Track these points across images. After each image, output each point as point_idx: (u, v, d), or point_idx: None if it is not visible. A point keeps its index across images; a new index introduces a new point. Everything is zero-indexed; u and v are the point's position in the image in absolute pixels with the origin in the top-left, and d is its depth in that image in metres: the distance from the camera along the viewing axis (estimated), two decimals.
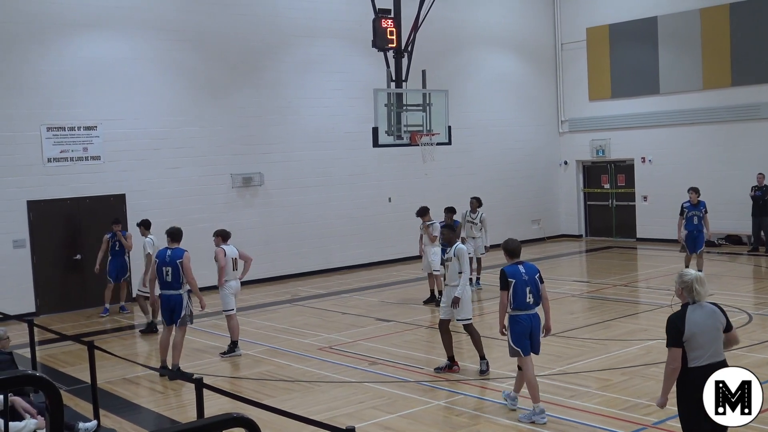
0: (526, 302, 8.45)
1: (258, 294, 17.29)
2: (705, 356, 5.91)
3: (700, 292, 6.00)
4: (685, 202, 16.24)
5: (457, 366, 10.37)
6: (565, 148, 24.76)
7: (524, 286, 8.44)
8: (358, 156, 19.94)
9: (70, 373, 11.33)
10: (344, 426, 5.26)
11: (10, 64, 15.63)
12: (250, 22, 18.57)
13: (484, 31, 22.97)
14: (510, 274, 8.46)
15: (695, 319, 5.93)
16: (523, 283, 8.44)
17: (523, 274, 8.49)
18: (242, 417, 2.82)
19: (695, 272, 6.07)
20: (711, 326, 5.97)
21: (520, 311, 8.47)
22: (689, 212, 16.03)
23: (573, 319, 13.33)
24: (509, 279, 8.42)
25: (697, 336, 5.89)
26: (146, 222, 14.59)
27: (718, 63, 21.06)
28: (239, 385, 10.35)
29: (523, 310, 8.46)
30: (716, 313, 6.06)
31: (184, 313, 10.83)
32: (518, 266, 8.56)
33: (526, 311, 8.47)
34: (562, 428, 8.16)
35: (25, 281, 15.89)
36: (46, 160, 15.98)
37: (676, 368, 5.96)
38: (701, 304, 6.01)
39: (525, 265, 8.62)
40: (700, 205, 16.05)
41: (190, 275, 10.78)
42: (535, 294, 8.50)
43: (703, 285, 6.04)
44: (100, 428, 8.51)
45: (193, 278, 10.83)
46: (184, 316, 10.85)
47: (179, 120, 17.65)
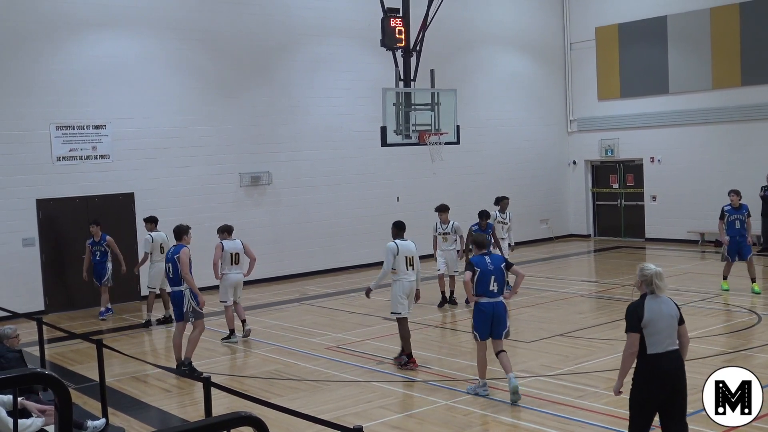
0: (490, 290, 9.28)
1: (266, 293, 17.32)
2: (663, 343, 6.18)
3: (660, 286, 6.34)
4: (726, 206, 14.99)
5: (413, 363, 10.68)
6: (573, 147, 24.71)
7: (489, 275, 9.27)
8: (366, 155, 19.94)
9: (79, 372, 11.37)
10: (352, 425, 5.26)
11: (20, 63, 15.69)
12: (260, 22, 18.59)
13: (493, 31, 22.95)
14: (476, 263, 9.40)
15: (653, 307, 6.25)
16: (488, 272, 9.29)
17: (488, 264, 9.38)
18: (250, 416, 2.83)
19: (655, 267, 6.39)
20: (667, 314, 6.26)
21: (484, 298, 9.27)
22: (731, 216, 14.76)
23: (581, 319, 13.30)
24: (475, 267, 9.37)
25: (655, 322, 6.19)
26: (152, 218, 14.69)
27: (728, 62, 20.97)
28: (247, 384, 10.36)
29: (487, 297, 9.26)
30: (671, 304, 6.37)
31: (185, 308, 10.95)
32: (485, 257, 9.48)
33: (489, 298, 9.27)
34: (571, 428, 8.15)
35: (34, 279, 15.95)
36: (55, 158, 16.04)
37: (633, 353, 6.25)
38: (659, 296, 6.32)
39: (491, 257, 9.55)
40: (743, 208, 14.84)
41: (184, 271, 10.86)
42: (500, 282, 9.36)
43: (662, 279, 6.37)
44: (109, 426, 8.53)
45: (187, 274, 10.86)
46: (186, 311, 10.97)
47: (188, 119, 17.69)
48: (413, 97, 14.77)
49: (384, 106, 14.32)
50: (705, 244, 21.57)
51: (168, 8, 17.40)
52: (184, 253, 10.93)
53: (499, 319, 9.28)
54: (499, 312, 9.30)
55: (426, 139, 14.57)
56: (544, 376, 10.07)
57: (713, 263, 18.90)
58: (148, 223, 14.73)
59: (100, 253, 15.28)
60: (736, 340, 11.28)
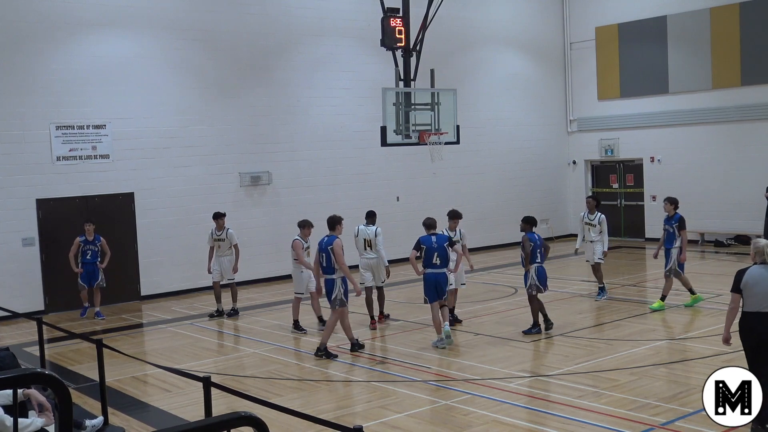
0: (433, 263, 11.62)
1: (266, 293, 17.32)
2: (756, 305, 7.44)
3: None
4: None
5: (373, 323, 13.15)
6: (573, 147, 24.71)
7: (432, 252, 11.62)
8: (366, 155, 19.94)
9: (79, 371, 11.38)
10: (352, 425, 5.25)
11: (20, 63, 15.68)
12: (260, 22, 18.59)
13: (493, 31, 22.95)
14: (423, 242, 11.71)
15: (754, 274, 7.52)
16: (433, 249, 11.62)
17: (434, 242, 11.65)
18: (250, 416, 2.83)
19: (766, 241, 7.63)
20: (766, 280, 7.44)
21: (429, 269, 11.64)
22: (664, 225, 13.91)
23: (581, 319, 13.30)
24: (422, 245, 11.66)
25: (752, 286, 7.46)
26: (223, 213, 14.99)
27: (728, 62, 20.97)
28: (247, 383, 10.36)
29: (431, 269, 11.63)
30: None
31: (334, 295, 11.39)
32: (431, 237, 11.71)
33: (433, 270, 11.62)
34: (571, 428, 8.15)
35: (34, 279, 15.95)
36: (55, 158, 16.03)
37: (732, 308, 7.72)
38: (766, 266, 7.52)
39: (438, 237, 11.75)
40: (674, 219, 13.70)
41: (340, 261, 11.37)
42: (443, 257, 11.61)
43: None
44: (109, 426, 8.53)
45: (343, 263, 11.39)
46: (335, 298, 11.40)
47: (188, 119, 17.69)
48: (413, 97, 14.76)
49: (384, 106, 14.31)
50: (705, 244, 21.57)
51: (168, 8, 17.39)
52: (338, 244, 11.41)
53: (441, 286, 11.63)
54: (441, 280, 11.64)
55: (426, 139, 14.56)
56: (544, 376, 10.07)
57: (713, 263, 18.93)
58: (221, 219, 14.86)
59: (92, 252, 15.26)
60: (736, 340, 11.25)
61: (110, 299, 16.15)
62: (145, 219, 17.12)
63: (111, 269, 15.72)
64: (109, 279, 15.86)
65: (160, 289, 17.30)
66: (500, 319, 13.04)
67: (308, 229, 13.45)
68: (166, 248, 17.36)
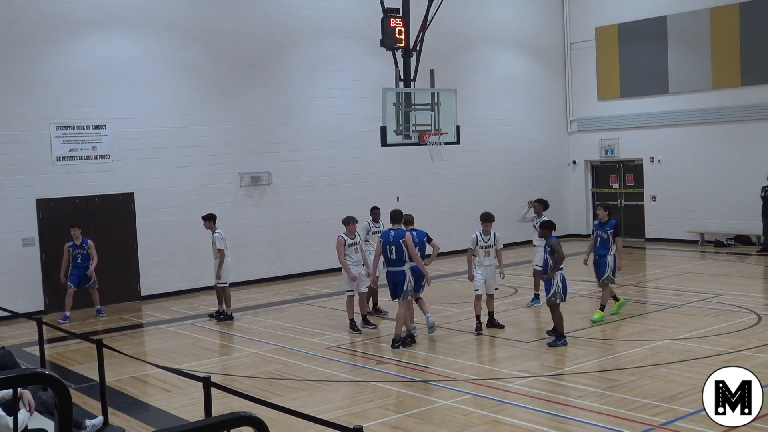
0: (388, 256, 11.50)
1: (266, 293, 17.32)
2: None
3: None
4: (595, 221, 13.64)
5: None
6: (573, 147, 24.71)
7: (386, 245, 11.48)
8: (366, 155, 19.94)
9: (79, 371, 11.37)
10: (352, 425, 5.25)
11: (19, 63, 15.68)
12: (260, 22, 18.59)
13: (493, 31, 22.95)
14: (381, 235, 11.86)
15: None
16: (388, 242, 11.46)
17: (391, 236, 11.49)
18: (250, 416, 2.83)
19: None
20: None
21: (387, 266, 11.68)
22: (596, 231, 13.24)
23: (581, 319, 13.29)
24: (381, 238, 11.74)
25: None
26: (211, 215, 14.77)
27: (728, 62, 20.97)
28: (247, 384, 10.36)
29: (388, 265, 11.59)
30: None
31: (406, 287, 11.57)
32: (391, 231, 11.59)
33: (390, 267, 11.56)
34: (570, 428, 8.15)
35: (34, 279, 15.95)
36: (55, 158, 16.03)
37: None
38: None
39: (397, 231, 11.52)
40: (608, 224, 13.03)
41: (413, 252, 11.53)
42: (398, 252, 11.36)
43: None
44: (109, 426, 8.53)
45: (416, 255, 11.59)
46: (406, 290, 11.59)
47: (188, 119, 17.69)
48: (413, 97, 14.77)
49: (384, 106, 14.32)
50: (705, 244, 21.56)
51: (168, 8, 17.39)
52: (409, 238, 11.58)
53: (399, 286, 11.49)
54: (400, 280, 11.48)
55: (426, 139, 14.57)
56: (544, 376, 10.07)
57: (713, 263, 18.93)
58: (209, 221, 14.64)
59: (81, 256, 15.24)
60: (736, 340, 11.28)
61: (110, 299, 16.14)
62: (145, 219, 17.12)
63: (111, 269, 15.74)
64: (109, 279, 15.87)
65: (160, 289, 17.30)
66: (500, 319, 13.02)
67: (353, 225, 12.99)
68: (166, 248, 17.36)
